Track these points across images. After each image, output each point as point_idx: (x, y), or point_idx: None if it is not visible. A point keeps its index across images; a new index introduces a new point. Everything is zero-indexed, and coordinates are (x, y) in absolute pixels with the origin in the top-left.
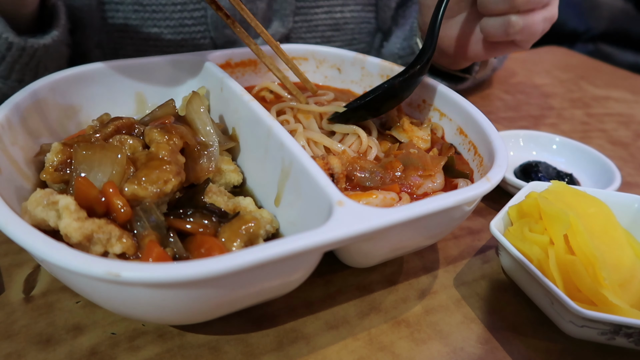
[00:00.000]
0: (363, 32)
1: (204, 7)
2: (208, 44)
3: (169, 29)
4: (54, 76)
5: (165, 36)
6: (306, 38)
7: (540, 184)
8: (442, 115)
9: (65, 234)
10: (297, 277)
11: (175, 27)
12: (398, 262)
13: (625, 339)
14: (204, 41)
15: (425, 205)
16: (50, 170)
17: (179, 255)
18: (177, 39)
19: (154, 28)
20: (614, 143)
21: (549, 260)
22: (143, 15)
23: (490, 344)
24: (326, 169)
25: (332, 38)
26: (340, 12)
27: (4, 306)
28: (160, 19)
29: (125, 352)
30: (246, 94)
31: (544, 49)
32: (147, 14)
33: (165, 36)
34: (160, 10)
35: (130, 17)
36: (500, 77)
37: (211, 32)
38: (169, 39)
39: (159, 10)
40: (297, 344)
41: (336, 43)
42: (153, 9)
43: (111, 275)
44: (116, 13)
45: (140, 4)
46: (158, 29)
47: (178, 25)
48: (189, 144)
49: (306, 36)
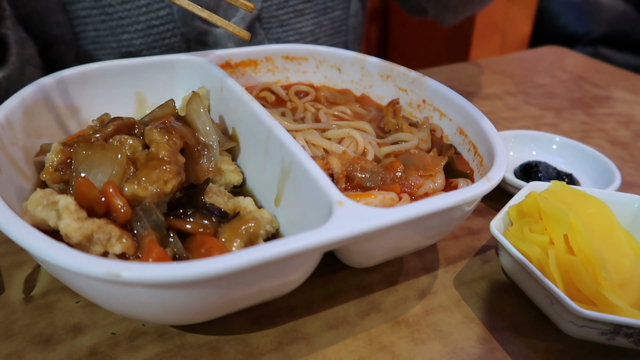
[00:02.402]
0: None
1: (168, 5)
2: (180, 40)
3: (138, 32)
4: (53, 76)
5: (136, 41)
6: (278, 15)
7: (540, 184)
8: (442, 115)
9: (65, 234)
10: (297, 277)
11: (144, 29)
12: (398, 262)
13: (625, 339)
14: (175, 39)
15: (425, 205)
16: (50, 170)
17: (179, 255)
18: (148, 41)
19: (124, 35)
20: (614, 143)
21: (549, 260)
22: (111, 24)
23: (490, 344)
24: (326, 169)
25: (305, 10)
26: None
27: (4, 306)
28: (128, 24)
29: (125, 352)
30: (246, 94)
31: (544, 49)
32: (114, 22)
33: (137, 40)
34: (126, 16)
35: (100, 28)
36: (500, 77)
37: (181, 28)
38: (140, 43)
39: (125, 16)
40: (297, 344)
41: (310, 14)
42: (120, 16)
43: (111, 275)
44: (86, 26)
45: (107, 13)
46: (128, 34)
47: (146, 28)
48: (189, 144)
49: (278, 13)
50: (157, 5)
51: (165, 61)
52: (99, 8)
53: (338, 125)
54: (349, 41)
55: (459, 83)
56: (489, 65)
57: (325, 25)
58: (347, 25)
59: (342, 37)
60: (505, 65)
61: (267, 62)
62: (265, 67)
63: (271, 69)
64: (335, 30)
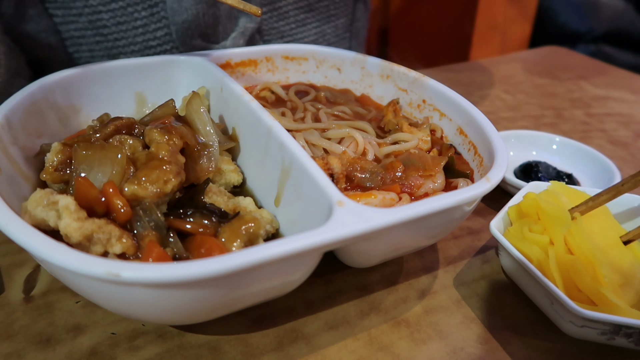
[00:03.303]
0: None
1: (166, 25)
2: None
3: (135, 54)
4: (53, 76)
5: None
6: (279, 26)
7: (540, 184)
8: (442, 115)
9: (65, 234)
10: (297, 277)
11: (141, 50)
12: (398, 262)
13: (625, 339)
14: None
15: (425, 205)
16: (50, 170)
17: (179, 255)
18: None
19: (120, 56)
20: (614, 143)
21: (549, 260)
22: (106, 45)
23: (490, 344)
24: (326, 169)
25: (306, 20)
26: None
27: (4, 306)
28: (124, 45)
29: (125, 352)
30: (246, 94)
31: (544, 49)
32: (109, 42)
33: None
34: (122, 37)
35: (95, 49)
36: (500, 77)
37: (180, 48)
38: None
39: (121, 37)
40: (297, 344)
41: (312, 24)
42: (115, 37)
43: (111, 275)
44: (80, 47)
45: (101, 34)
46: (125, 55)
47: (143, 49)
48: (189, 144)
49: (278, 24)
50: (154, 25)
51: (165, 61)
52: (94, 29)
53: (338, 125)
54: (353, 46)
55: (458, 83)
56: (489, 65)
57: (328, 33)
58: (351, 32)
59: (345, 43)
60: (505, 65)
61: (267, 62)
62: (265, 67)
63: (271, 69)
64: (339, 37)
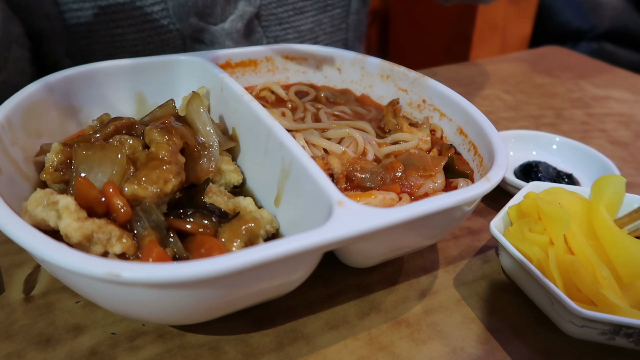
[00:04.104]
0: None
1: (163, 0)
2: (175, 37)
3: (132, 27)
4: (54, 76)
5: (129, 35)
6: (277, 13)
7: (540, 184)
8: (442, 115)
9: (65, 234)
10: (297, 277)
11: (138, 24)
12: (398, 262)
13: (625, 339)
14: (170, 34)
15: (425, 205)
16: (50, 170)
17: (179, 255)
18: (142, 36)
19: (117, 29)
20: (614, 143)
21: (549, 260)
22: (104, 18)
23: (490, 344)
24: (326, 169)
25: (304, 8)
26: None
27: (4, 306)
28: (121, 18)
29: (125, 352)
30: (246, 94)
31: (544, 49)
32: (107, 15)
33: (130, 35)
34: (120, 10)
35: (92, 22)
36: (500, 77)
37: (176, 24)
38: (134, 38)
39: (119, 10)
40: (297, 344)
41: (310, 12)
42: (113, 10)
43: (111, 275)
44: (77, 19)
45: (100, 6)
46: (122, 29)
47: (141, 22)
48: (189, 144)
49: (277, 11)
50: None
51: (165, 61)
52: (92, 1)
53: (338, 125)
54: (349, 39)
55: (459, 83)
56: (489, 65)
57: (325, 23)
58: (347, 23)
59: (341, 34)
60: (505, 65)
61: (267, 62)
62: (265, 67)
63: (271, 69)
64: (335, 28)
